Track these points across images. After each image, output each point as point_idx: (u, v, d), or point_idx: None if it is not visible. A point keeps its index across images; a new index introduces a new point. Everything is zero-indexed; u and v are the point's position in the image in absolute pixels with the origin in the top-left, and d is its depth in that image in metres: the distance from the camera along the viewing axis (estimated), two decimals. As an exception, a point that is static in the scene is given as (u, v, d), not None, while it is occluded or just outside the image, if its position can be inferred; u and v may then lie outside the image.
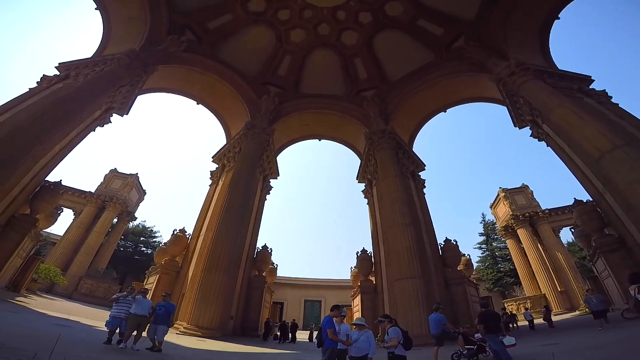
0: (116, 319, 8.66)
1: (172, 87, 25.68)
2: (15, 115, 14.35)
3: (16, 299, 15.69)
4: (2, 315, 9.57)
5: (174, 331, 14.91)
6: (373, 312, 18.85)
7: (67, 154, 17.54)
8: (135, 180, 46.25)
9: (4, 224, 14.65)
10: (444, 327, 10.16)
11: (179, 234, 21.64)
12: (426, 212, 22.64)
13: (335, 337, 6.47)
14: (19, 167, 13.18)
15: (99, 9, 20.75)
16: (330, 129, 29.75)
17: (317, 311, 46.82)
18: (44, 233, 24.54)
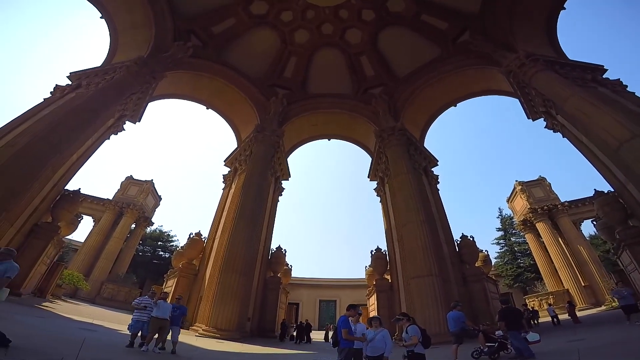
0: (138, 323, 8.86)
1: (181, 93, 26.12)
2: (33, 125, 14.92)
3: (42, 304, 16.26)
4: (30, 320, 9.94)
5: (193, 333, 15.18)
6: (389, 310, 18.69)
7: (84, 163, 18.10)
8: (150, 187, 47.29)
9: (27, 232, 15.24)
10: (463, 324, 10.00)
11: (195, 238, 22.00)
12: (441, 208, 22.31)
13: (350, 336, 6.43)
14: (39, 177, 13.66)
15: (104, 18, 21.23)
16: (339, 128, 29.68)
17: (333, 311, 46.76)
18: (66, 240, 25.31)
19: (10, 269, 6.35)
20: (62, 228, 17.55)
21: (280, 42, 26.62)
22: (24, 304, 13.67)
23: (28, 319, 9.99)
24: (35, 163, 13.02)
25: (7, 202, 11.94)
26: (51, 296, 20.92)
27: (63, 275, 24.58)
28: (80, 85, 18.53)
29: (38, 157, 13.14)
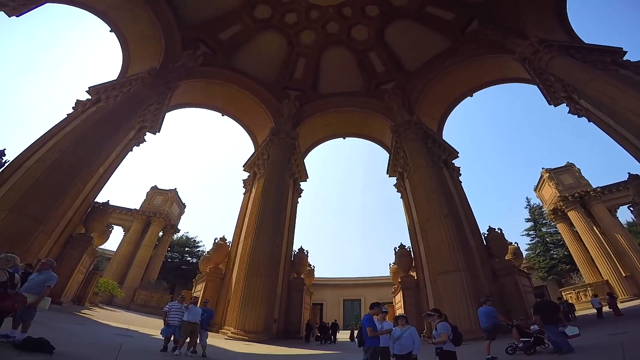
0: (170, 327, 9.15)
1: (196, 102, 26.85)
2: (60, 141, 15.92)
3: (81, 311, 17.13)
4: (70, 327, 10.50)
5: (223, 336, 15.51)
6: (416, 308, 18.34)
7: (110, 175, 18.98)
8: (174, 195, 48.90)
9: (64, 243, 16.15)
10: (495, 319, 9.67)
11: (220, 242, 22.48)
12: (464, 201, 21.65)
13: (375, 332, 6.35)
14: (70, 191, 14.45)
15: (113, 31, 22.03)
16: (353, 126, 29.47)
17: (357, 310, 46.45)
18: (99, 250, 26.60)
19: (50, 279, 6.75)
20: (95, 238, 18.47)
21: (287, 45, 26.82)
22: (65, 312, 14.45)
23: (69, 326, 10.55)
24: (65, 178, 13.82)
25: (43, 216, 12.73)
26: (89, 303, 22.04)
27: (99, 284, 25.84)
28: (99, 99, 19.48)
29: (68, 172, 13.95)
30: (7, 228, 11.55)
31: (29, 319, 6.45)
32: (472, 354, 9.78)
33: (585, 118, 16.55)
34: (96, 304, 25.42)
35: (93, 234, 18.08)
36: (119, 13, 21.30)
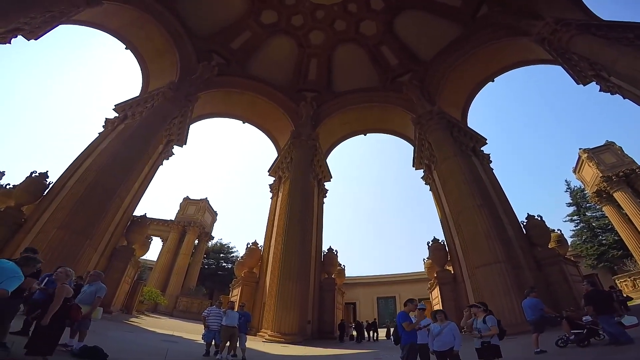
0: (211, 332, 9.49)
1: (217, 112, 27.73)
2: (96, 160, 17.16)
3: (130, 319, 18.21)
4: (121, 335, 11.21)
5: (260, 339, 15.85)
6: (455, 303, 17.69)
7: (145, 189, 20.12)
8: (206, 204, 50.79)
9: (109, 255, 17.31)
10: (542, 312, 9.09)
11: (253, 247, 23.01)
12: (499, 189, 20.59)
13: (412, 325, 6.23)
14: (110, 206, 15.50)
15: (129, 48, 23.07)
16: (374, 122, 29.07)
17: (392, 308, 45.63)
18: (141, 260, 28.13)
19: (99, 290, 7.26)
20: (136, 250, 19.60)
21: (298, 47, 27.02)
22: (115, 321, 15.43)
23: (119, 334, 11.26)
24: (104, 195, 14.86)
25: (88, 231, 13.73)
26: (136, 312, 23.37)
27: (143, 292, 27.36)
28: (126, 116, 20.68)
29: (106, 189, 14.98)
30: (58, 243, 12.58)
31: (84, 328, 6.98)
32: (520, 348, 9.29)
33: (620, 95, 15.39)
34: (142, 312, 26.87)
35: (134, 246, 19.18)
36: (130, 30, 22.21)
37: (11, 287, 4.31)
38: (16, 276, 4.39)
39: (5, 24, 13.66)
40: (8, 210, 14.77)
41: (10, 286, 4.28)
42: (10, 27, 13.94)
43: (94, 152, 18.06)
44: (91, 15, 19.22)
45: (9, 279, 4.27)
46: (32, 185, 15.92)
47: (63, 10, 15.69)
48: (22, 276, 4.55)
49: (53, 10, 15.21)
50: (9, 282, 4.27)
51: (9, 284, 4.26)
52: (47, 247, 12.00)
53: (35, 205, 15.56)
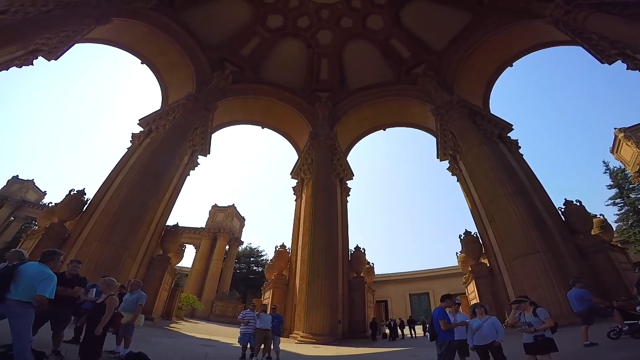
0: (245, 335, 9.67)
1: (236, 119, 28.40)
2: (127, 175, 18.11)
3: (170, 325, 19.03)
4: (163, 341, 11.75)
5: (293, 340, 15.98)
6: (493, 296, 16.88)
7: (176, 200, 20.99)
8: (234, 210, 52.28)
9: (147, 264, 18.20)
10: (590, 302, 8.45)
11: (281, 250, 23.31)
12: (531, 175, 19.41)
13: (450, 325, 6.04)
14: (144, 218, 16.32)
15: (145, 63, 23.98)
16: (392, 116, 28.46)
17: (426, 304, 44.53)
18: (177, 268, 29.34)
19: (140, 298, 7.68)
20: (172, 258, 20.45)
21: (307, 48, 27.14)
22: (156, 327, 16.19)
23: (162, 340, 11.79)
24: (138, 208, 15.71)
25: (126, 243, 14.52)
26: (175, 318, 24.37)
27: (181, 298, 28.50)
28: (151, 130, 21.64)
29: (139, 202, 15.79)
30: (100, 255, 13.46)
31: (129, 335, 7.38)
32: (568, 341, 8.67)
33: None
34: (181, 318, 27.98)
35: (170, 254, 20.05)
36: (143, 45, 23.10)
37: (47, 291, 4.27)
38: (46, 277, 4.35)
39: (25, 46, 14.55)
40: (53, 227, 15.95)
41: (46, 291, 4.25)
42: (29, 48, 14.86)
43: (125, 167, 19.11)
44: (103, 33, 20.01)
45: (40, 283, 4.25)
46: (72, 202, 17.10)
47: (76, 29, 16.56)
48: (53, 275, 4.53)
49: (66, 30, 16.06)
50: (43, 285, 4.24)
51: (45, 288, 4.24)
52: (90, 259, 12.81)
53: (76, 221, 16.72)
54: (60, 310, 5.72)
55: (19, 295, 4.14)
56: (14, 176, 52.15)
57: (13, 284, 4.17)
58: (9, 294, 4.10)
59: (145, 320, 8.81)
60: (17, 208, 48.80)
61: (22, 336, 4.10)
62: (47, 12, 15.19)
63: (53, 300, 4.50)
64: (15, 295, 4.13)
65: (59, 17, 15.45)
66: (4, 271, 4.33)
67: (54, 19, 15.25)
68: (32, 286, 4.20)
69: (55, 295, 4.58)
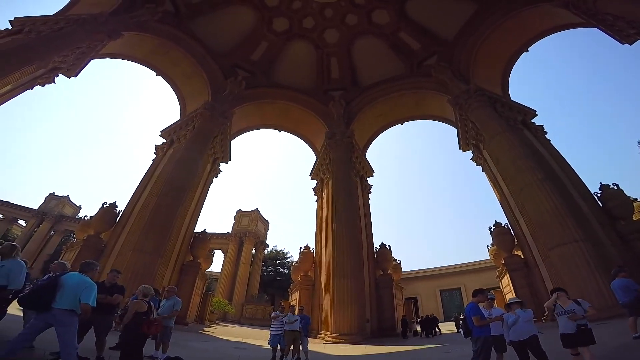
0: (275, 337, 9.83)
1: (253, 125, 28.94)
2: (154, 186, 19.04)
3: (204, 329, 19.65)
4: (198, 345, 12.18)
5: (321, 341, 16.02)
6: (530, 289, 16.09)
7: (202, 207, 21.68)
8: (257, 214, 53.22)
9: (179, 271, 18.90)
10: (636, 292, 7.89)
11: (305, 251, 23.46)
12: (561, 161, 18.35)
13: (483, 321, 5.88)
14: (173, 226, 16.95)
15: (160, 75, 24.88)
16: (408, 110, 27.88)
17: (458, 300, 43.26)
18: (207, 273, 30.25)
19: (176, 303, 8.07)
20: (202, 263, 21.11)
21: (315, 49, 27.19)
22: (191, 331, 16.77)
23: (196, 344, 12.21)
24: (166, 217, 16.35)
25: (158, 251, 15.17)
26: (208, 321, 25.14)
27: (213, 303, 29.38)
28: (173, 141, 22.49)
29: (167, 212, 16.43)
30: (134, 264, 14.16)
31: (167, 340, 7.72)
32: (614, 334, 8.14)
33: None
34: (214, 321, 28.81)
35: (200, 260, 20.71)
36: (156, 58, 23.93)
37: (90, 299, 4.58)
38: (87, 286, 4.65)
39: (44, 64, 15.50)
40: (90, 238, 16.99)
41: (89, 299, 4.55)
42: (49, 67, 15.83)
43: (152, 178, 20.02)
44: (117, 48, 20.92)
45: (83, 291, 4.55)
46: (106, 215, 18.12)
47: (90, 45, 17.50)
48: (94, 283, 4.86)
49: (81, 46, 17.01)
50: (86, 294, 4.55)
51: (88, 297, 4.55)
52: (126, 268, 13.51)
53: (111, 232, 17.71)
54: (102, 317, 6.06)
55: (63, 304, 4.43)
56: (50, 193, 56.23)
57: (58, 293, 4.47)
58: (54, 303, 4.41)
59: (179, 324, 9.18)
60: (56, 222, 52.72)
61: (68, 343, 4.38)
62: (58, 30, 16.11)
63: (95, 308, 4.81)
64: (60, 304, 4.43)
65: (71, 34, 16.34)
66: (49, 282, 4.66)
67: (67, 37, 16.13)
68: (75, 295, 4.50)
69: (97, 303, 4.89)
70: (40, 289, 4.55)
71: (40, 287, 4.57)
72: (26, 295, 4.68)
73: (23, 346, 4.37)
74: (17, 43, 14.61)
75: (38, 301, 4.45)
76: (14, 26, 15.82)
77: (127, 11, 19.61)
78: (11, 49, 14.09)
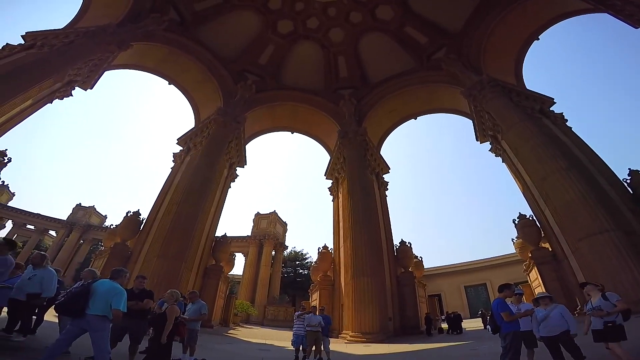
0: (298, 337, 9.88)
1: (265, 128, 29.27)
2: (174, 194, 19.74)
3: (228, 332, 19.99)
4: (224, 347, 12.46)
5: (342, 340, 15.96)
6: (560, 283, 15.42)
7: (221, 212, 22.10)
8: (275, 216, 53.79)
9: (202, 275, 19.36)
10: None
11: (323, 251, 23.51)
12: (585, 148, 17.31)
13: (513, 316, 5.70)
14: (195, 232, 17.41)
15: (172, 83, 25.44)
16: (421, 104, 27.41)
17: (484, 296, 42.07)
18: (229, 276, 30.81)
19: (202, 307, 8.30)
20: (224, 267, 21.55)
21: (322, 48, 27.20)
22: (216, 334, 17.13)
23: (222, 346, 12.50)
24: (188, 223, 16.83)
25: (181, 256, 15.61)
26: (232, 324, 25.59)
27: (236, 305, 29.87)
28: (189, 148, 23.04)
29: (188, 217, 16.91)
30: (160, 269, 14.66)
31: (193, 343, 7.92)
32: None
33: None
34: (237, 324, 29.27)
35: (222, 264, 21.15)
36: (167, 67, 24.51)
37: (121, 305, 4.79)
38: (118, 293, 4.87)
39: (60, 78, 16.07)
40: (117, 246, 17.71)
41: (120, 304, 4.77)
42: (65, 80, 16.43)
43: (172, 186, 20.65)
44: (127, 58, 21.52)
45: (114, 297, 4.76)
46: (130, 223, 18.83)
47: (101, 57, 18.10)
48: (123, 290, 5.08)
49: (93, 58, 17.60)
50: (117, 300, 4.76)
51: (119, 302, 4.76)
52: (152, 273, 14.01)
53: (136, 239, 18.39)
54: (135, 323, 6.28)
55: (96, 310, 4.65)
56: (77, 204, 59.19)
57: (90, 300, 4.70)
58: (87, 310, 4.63)
59: (205, 327, 9.40)
60: (84, 232, 55.61)
61: (101, 348, 4.60)
62: (69, 43, 16.72)
63: (126, 314, 5.02)
64: (93, 310, 4.65)
65: (82, 46, 16.95)
66: (82, 289, 4.90)
67: (78, 49, 16.72)
68: (107, 301, 4.72)
69: (128, 309, 5.10)
70: (74, 296, 4.79)
71: (74, 294, 4.82)
72: (61, 302, 4.94)
73: (61, 351, 4.61)
74: (33, 57, 15.19)
75: (72, 308, 4.69)
76: (26, 41, 16.38)
77: (134, 21, 20.16)
78: (29, 64, 14.69)
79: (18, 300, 6.47)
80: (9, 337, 6.43)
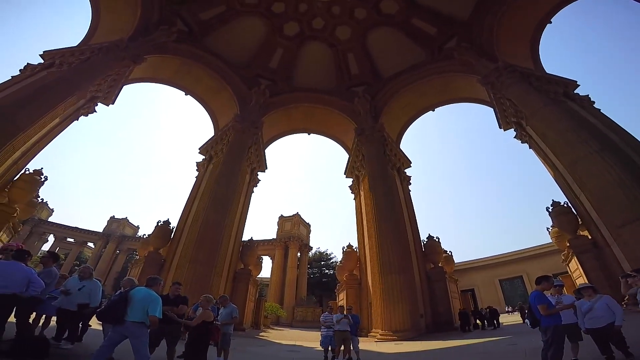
0: (326, 338, 9.97)
1: (282, 131, 29.62)
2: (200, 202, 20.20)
3: (260, 334, 20.40)
4: (255, 349, 12.77)
5: (372, 339, 15.85)
6: (604, 272, 14.40)
7: (247, 216, 22.62)
8: (299, 218, 54.37)
9: (232, 279, 19.91)
10: None
11: (348, 250, 23.46)
12: (618, 129, 15.83)
13: (551, 310, 5.45)
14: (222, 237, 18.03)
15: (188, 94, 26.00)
16: (437, 95, 26.58)
17: (521, 289, 40.21)
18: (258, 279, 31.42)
19: (234, 311, 8.61)
20: (252, 270, 22.06)
21: (330, 47, 27.13)
22: (248, 337, 17.56)
23: (254, 349, 12.81)
24: (215, 229, 17.55)
25: (211, 261, 16.15)
26: (263, 326, 26.08)
27: (266, 308, 30.45)
28: (211, 157, 23.67)
29: (215, 224, 17.61)
30: (192, 275, 15.31)
31: (227, 346, 8.17)
32: None
33: None
34: (268, 326, 29.78)
35: (250, 267, 21.69)
36: (181, 77, 25.06)
37: (157, 311, 5.04)
38: (153, 299, 5.12)
39: (83, 94, 16.55)
40: (150, 255, 18.57)
41: (156, 311, 5.02)
42: (87, 97, 17.06)
43: (197, 194, 21.38)
44: (143, 72, 22.18)
45: (150, 304, 5.01)
46: (161, 232, 19.68)
47: (119, 72, 18.69)
48: (159, 296, 5.34)
49: (111, 74, 18.18)
50: (153, 306, 5.01)
51: (155, 309, 5.01)
52: (185, 279, 14.60)
53: (168, 247, 19.17)
54: (171, 328, 6.58)
55: (134, 317, 4.93)
56: (111, 216, 62.69)
57: (129, 307, 4.98)
58: (126, 317, 4.91)
59: (237, 330, 9.68)
60: (120, 243, 58.97)
61: (141, 353, 4.87)
62: (86, 60, 17.34)
63: (164, 320, 5.28)
64: (132, 317, 4.93)
65: (99, 62, 17.55)
66: (120, 297, 5.22)
67: (96, 65, 17.31)
68: (143, 308, 4.99)
69: (163, 314, 5.37)
70: (113, 304, 5.12)
71: (114, 302, 5.15)
72: (102, 310, 5.30)
73: (104, 358, 4.92)
74: (54, 76, 15.78)
75: (113, 315, 5.02)
76: (45, 60, 17.13)
77: (144, 35, 20.76)
78: (52, 82, 15.22)
79: (68, 310, 7.01)
80: (58, 344, 6.95)
